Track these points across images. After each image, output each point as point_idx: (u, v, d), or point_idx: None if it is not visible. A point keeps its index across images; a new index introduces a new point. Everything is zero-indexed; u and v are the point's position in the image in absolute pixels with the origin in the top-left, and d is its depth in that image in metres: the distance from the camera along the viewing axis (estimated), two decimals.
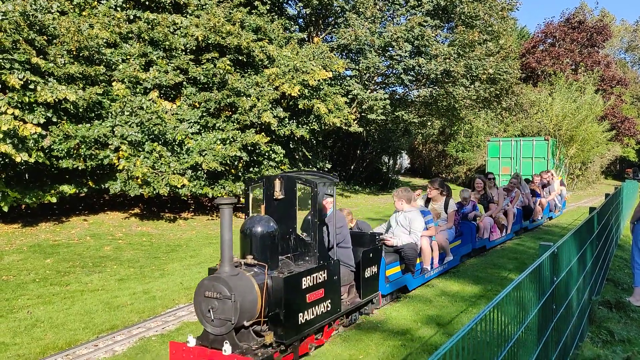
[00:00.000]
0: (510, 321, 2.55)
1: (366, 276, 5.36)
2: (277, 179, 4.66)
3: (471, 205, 9.40)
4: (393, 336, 5.01)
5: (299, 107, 13.27)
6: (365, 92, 18.45)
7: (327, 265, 4.67)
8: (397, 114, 20.80)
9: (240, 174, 13.20)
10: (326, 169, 16.35)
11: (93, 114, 11.07)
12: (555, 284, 3.35)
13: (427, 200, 8.33)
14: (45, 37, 10.35)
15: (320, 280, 4.54)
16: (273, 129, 12.80)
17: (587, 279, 5.00)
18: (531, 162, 22.45)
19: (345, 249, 5.22)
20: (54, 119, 10.09)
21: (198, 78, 12.44)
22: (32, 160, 9.77)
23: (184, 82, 12.57)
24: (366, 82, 19.49)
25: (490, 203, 10.21)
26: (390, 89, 21.42)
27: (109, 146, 10.79)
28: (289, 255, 4.63)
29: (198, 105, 12.50)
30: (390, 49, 18.07)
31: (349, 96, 17.88)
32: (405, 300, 6.30)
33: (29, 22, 10.00)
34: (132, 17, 12.56)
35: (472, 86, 19.48)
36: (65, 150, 10.22)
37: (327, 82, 14.43)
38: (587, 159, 26.41)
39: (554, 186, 14.80)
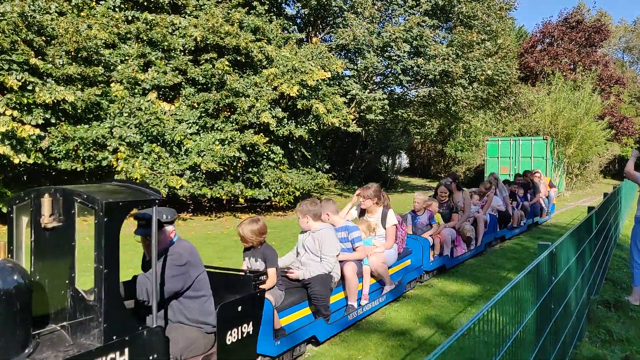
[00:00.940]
0: (509, 321, 2.55)
1: (228, 343, 3.49)
2: (46, 195, 2.81)
3: (427, 215, 7.63)
4: (392, 336, 5.01)
5: (298, 107, 13.27)
6: (364, 92, 18.46)
7: (130, 341, 2.79)
8: (395, 113, 20.81)
9: (239, 175, 13.21)
10: (325, 169, 16.36)
11: (91, 115, 11.08)
12: (553, 284, 3.36)
13: (362, 212, 6.29)
14: (43, 38, 10.35)
15: None
16: (272, 129, 12.80)
17: (585, 278, 5.01)
18: (530, 162, 22.46)
19: (197, 299, 3.53)
20: (53, 120, 10.09)
21: (197, 78, 12.45)
22: (30, 161, 9.77)
23: (183, 83, 12.57)
24: (365, 82, 19.50)
25: (453, 213, 8.23)
26: (389, 89, 21.43)
27: (107, 147, 10.79)
28: (64, 324, 2.81)
29: (197, 106, 12.50)
30: (389, 49, 18.08)
31: (348, 96, 17.88)
32: (404, 300, 6.30)
33: (27, 22, 10.00)
34: (130, 17, 12.57)
35: (471, 87, 19.50)
36: (64, 151, 10.22)
37: (325, 82, 14.44)
38: (585, 158, 26.42)
39: (541, 187, 13.43)
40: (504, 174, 23.01)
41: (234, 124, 12.53)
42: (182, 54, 12.67)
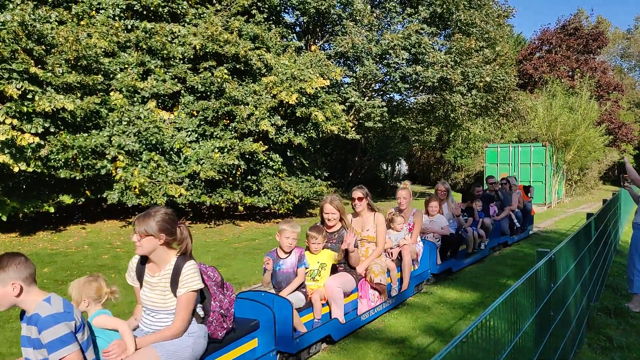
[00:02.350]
0: (508, 328, 2.55)
1: None
2: None
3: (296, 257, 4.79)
4: (391, 344, 5.00)
5: (297, 115, 13.30)
6: (363, 100, 18.51)
7: None
8: (394, 120, 20.84)
9: (238, 182, 13.21)
10: (324, 177, 16.37)
11: (91, 124, 11.10)
12: (552, 290, 3.35)
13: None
14: (43, 47, 10.39)
15: None
16: (271, 137, 12.82)
17: (585, 285, 5.01)
18: (529, 168, 22.51)
19: None
20: (52, 129, 10.11)
21: (196, 87, 12.49)
22: (30, 169, 9.78)
23: (182, 91, 12.61)
24: (364, 90, 19.55)
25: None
26: (388, 96, 21.48)
27: (106, 156, 10.80)
28: None
29: (196, 114, 12.53)
30: (388, 56, 18.14)
31: (347, 104, 17.93)
32: (404, 307, 6.29)
33: (27, 31, 10.04)
34: (130, 26, 12.62)
35: (470, 94, 19.55)
36: (63, 160, 10.23)
37: (324, 90, 14.47)
38: (584, 164, 26.45)
39: (513, 198, 11.00)
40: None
41: (233, 132, 12.55)
42: (181, 62, 12.71)
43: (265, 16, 15.54)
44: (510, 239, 10.97)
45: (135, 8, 12.65)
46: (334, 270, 5.22)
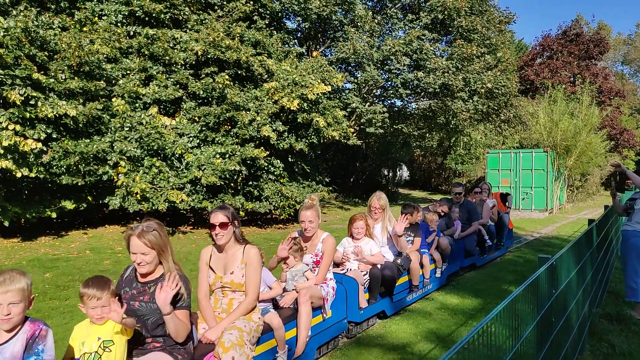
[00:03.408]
0: (509, 334, 2.55)
1: None
2: None
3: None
4: (392, 350, 4.99)
5: (298, 120, 13.33)
6: (364, 106, 18.54)
7: None
8: (396, 126, 20.87)
9: (239, 188, 13.22)
10: (325, 182, 16.37)
11: (93, 130, 11.13)
12: (554, 297, 3.35)
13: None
14: (46, 53, 10.44)
15: None
16: (272, 142, 12.84)
17: (587, 291, 5.00)
18: (531, 174, 22.50)
19: None
20: (54, 135, 10.14)
21: (197, 92, 12.52)
22: (32, 175, 9.80)
23: (184, 97, 12.64)
24: (365, 95, 19.59)
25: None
26: (389, 102, 21.52)
27: (108, 162, 10.82)
28: None
29: (197, 120, 12.56)
30: (389, 62, 18.19)
31: (348, 109, 17.95)
32: (405, 313, 6.28)
33: (30, 38, 10.09)
34: (132, 32, 12.68)
35: (471, 100, 19.57)
36: (65, 166, 10.26)
37: (326, 96, 14.50)
38: (585, 170, 26.43)
39: (483, 210, 9.25)
40: (505, 186, 23.03)
41: (234, 138, 12.57)
42: (183, 68, 12.75)
43: (267, 22, 15.60)
44: (479, 259, 9.06)
45: (137, 14, 12.70)
46: None
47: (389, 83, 19.48)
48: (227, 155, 12.11)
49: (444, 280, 7.58)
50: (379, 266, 5.67)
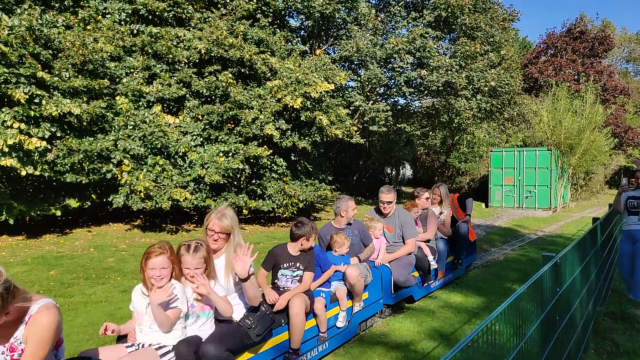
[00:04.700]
0: (513, 332, 2.55)
1: None
2: None
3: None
4: (396, 348, 4.99)
5: (301, 119, 13.32)
6: (367, 104, 18.51)
7: None
8: (399, 125, 20.83)
9: (242, 186, 13.24)
10: (328, 180, 16.37)
11: (96, 128, 11.16)
12: (558, 295, 3.35)
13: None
14: (50, 51, 10.47)
15: None
16: (275, 141, 12.85)
17: (591, 289, 4.99)
18: (534, 173, 22.44)
19: None
20: (58, 134, 10.17)
21: (201, 91, 12.53)
22: (37, 173, 9.84)
23: (187, 95, 12.66)
24: (368, 94, 19.56)
25: None
26: (392, 100, 21.48)
27: (112, 160, 10.85)
28: None
29: (201, 118, 12.57)
30: (392, 60, 18.15)
31: (351, 107, 17.93)
32: (408, 311, 6.28)
33: (34, 36, 10.12)
34: (135, 31, 12.70)
35: (474, 98, 19.52)
36: (69, 165, 10.29)
37: (329, 94, 14.48)
38: (589, 168, 26.34)
39: (430, 222, 7.09)
40: (509, 184, 22.99)
41: (237, 136, 12.58)
42: (187, 66, 12.77)
43: (270, 20, 15.59)
44: (419, 290, 6.71)
45: (140, 13, 12.72)
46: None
47: (392, 81, 19.45)
48: (230, 154, 12.12)
49: (354, 329, 5.28)
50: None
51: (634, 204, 6.53)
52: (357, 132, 17.13)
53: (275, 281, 4.64)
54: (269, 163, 13.01)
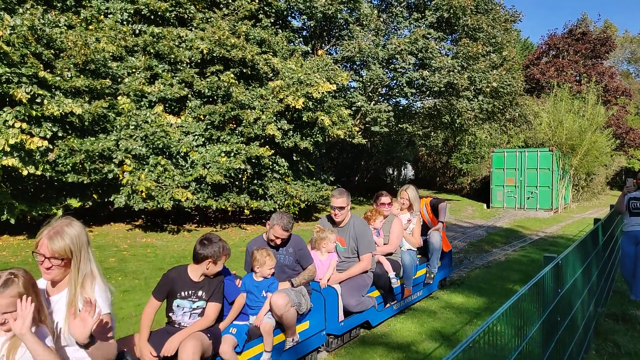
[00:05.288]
0: (514, 333, 2.55)
1: None
2: None
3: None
4: (397, 349, 4.99)
5: (303, 119, 13.33)
6: (369, 104, 18.51)
7: None
8: (401, 126, 20.83)
9: (244, 187, 13.25)
10: (330, 181, 16.37)
11: (98, 128, 11.17)
12: (559, 296, 3.34)
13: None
14: (52, 51, 10.49)
15: None
16: (277, 141, 12.85)
17: (592, 290, 4.98)
18: (536, 173, 22.42)
19: None
20: (60, 133, 10.18)
21: (203, 91, 12.54)
22: (38, 173, 9.85)
23: (189, 95, 12.66)
24: (370, 94, 19.56)
25: None
26: (394, 101, 21.47)
27: (113, 160, 10.86)
28: None
29: (203, 118, 12.58)
30: (394, 61, 18.15)
31: (353, 108, 17.93)
32: (410, 312, 6.28)
33: (36, 36, 10.14)
34: (137, 31, 12.71)
35: (476, 99, 19.51)
36: (71, 165, 10.30)
37: (331, 95, 14.48)
38: (591, 169, 26.30)
39: (392, 230, 6.08)
40: (510, 185, 22.97)
41: (239, 136, 12.59)
42: (189, 66, 12.78)
43: (272, 21, 15.60)
44: (376, 314, 5.61)
45: (143, 13, 12.74)
46: None
47: (394, 82, 19.44)
48: (232, 154, 12.13)
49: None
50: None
51: (636, 205, 6.51)
52: (359, 133, 17.13)
53: (170, 314, 3.69)
54: (270, 163, 13.02)
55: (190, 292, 3.65)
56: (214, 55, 12.73)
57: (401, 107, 21.88)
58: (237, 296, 4.09)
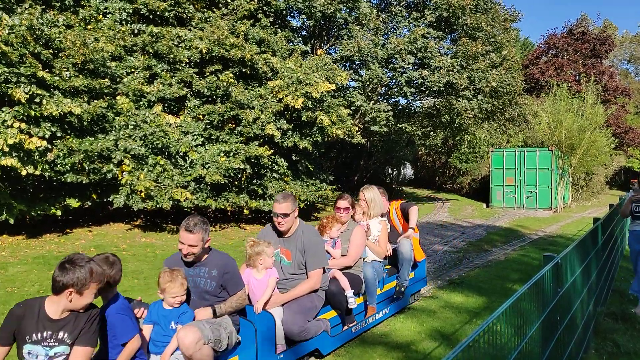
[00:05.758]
0: (514, 333, 2.54)
1: None
2: None
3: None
4: (396, 348, 4.99)
5: (303, 119, 13.32)
6: (369, 104, 18.50)
7: None
8: (400, 125, 20.82)
9: (243, 186, 13.24)
10: (329, 180, 16.36)
11: (97, 128, 11.16)
12: (559, 295, 3.34)
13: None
14: (51, 51, 10.47)
15: None
16: (276, 141, 12.84)
17: (592, 290, 4.98)
18: (535, 173, 22.43)
19: None
20: (59, 133, 10.17)
21: (202, 91, 12.53)
22: (37, 173, 9.84)
23: (188, 95, 12.65)
24: (369, 94, 19.55)
25: None
26: (393, 100, 21.47)
27: (112, 160, 10.85)
28: None
29: (202, 118, 12.57)
30: (393, 60, 18.14)
31: (352, 108, 17.92)
32: (409, 312, 6.27)
33: (35, 35, 10.12)
34: (136, 30, 12.69)
35: (476, 99, 19.50)
36: (69, 165, 10.29)
37: (330, 94, 14.47)
38: (590, 169, 26.32)
39: (352, 242, 5.23)
40: (510, 184, 22.97)
41: (238, 136, 12.58)
42: (188, 66, 12.76)
43: (271, 20, 15.58)
44: (329, 340, 4.77)
45: (141, 12, 12.72)
46: None
47: (394, 81, 19.43)
48: (231, 154, 12.12)
49: None
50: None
51: (638, 207, 6.61)
52: (358, 132, 17.12)
53: None
54: (269, 163, 13.00)
55: (45, 335, 2.78)
56: (213, 54, 12.71)
57: (400, 107, 21.88)
58: (132, 337, 3.14)
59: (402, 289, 5.93)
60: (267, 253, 4.29)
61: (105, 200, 11.88)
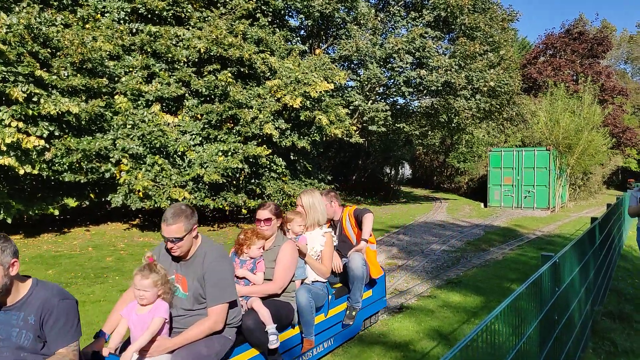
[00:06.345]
0: (512, 332, 2.55)
1: None
2: None
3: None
4: (395, 348, 4.99)
5: (301, 118, 13.32)
6: (367, 103, 18.52)
7: None
8: (398, 125, 20.84)
9: (241, 186, 13.23)
10: (327, 180, 16.37)
11: (95, 127, 11.15)
12: (557, 295, 3.35)
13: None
14: (49, 50, 10.45)
15: None
16: (275, 140, 12.84)
17: (589, 289, 4.99)
18: (533, 172, 22.47)
19: None
20: (57, 133, 10.15)
21: (200, 90, 12.52)
22: (35, 172, 9.82)
23: (186, 95, 12.64)
24: (367, 93, 19.57)
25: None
26: (391, 100, 21.49)
27: (110, 159, 10.84)
28: None
29: (200, 117, 12.56)
30: (392, 60, 18.17)
31: (350, 107, 17.94)
32: (407, 311, 6.28)
33: (33, 35, 10.11)
34: (134, 30, 12.68)
35: (473, 98, 19.54)
36: (67, 164, 10.28)
37: (328, 94, 14.47)
38: (587, 168, 26.39)
39: (278, 261, 4.15)
40: (507, 184, 23.01)
41: (237, 136, 12.57)
42: (186, 65, 12.75)
43: (270, 20, 15.58)
44: None
45: (140, 11, 12.70)
46: None
47: (392, 81, 19.46)
48: (229, 153, 12.11)
49: None
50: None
51: None
52: (357, 132, 17.14)
53: None
54: (268, 162, 13.00)
55: None
56: (211, 54, 12.70)
57: (398, 106, 21.91)
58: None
59: (353, 313, 4.89)
60: (146, 285, 3.08)
61: (103, 199, 11.87)
